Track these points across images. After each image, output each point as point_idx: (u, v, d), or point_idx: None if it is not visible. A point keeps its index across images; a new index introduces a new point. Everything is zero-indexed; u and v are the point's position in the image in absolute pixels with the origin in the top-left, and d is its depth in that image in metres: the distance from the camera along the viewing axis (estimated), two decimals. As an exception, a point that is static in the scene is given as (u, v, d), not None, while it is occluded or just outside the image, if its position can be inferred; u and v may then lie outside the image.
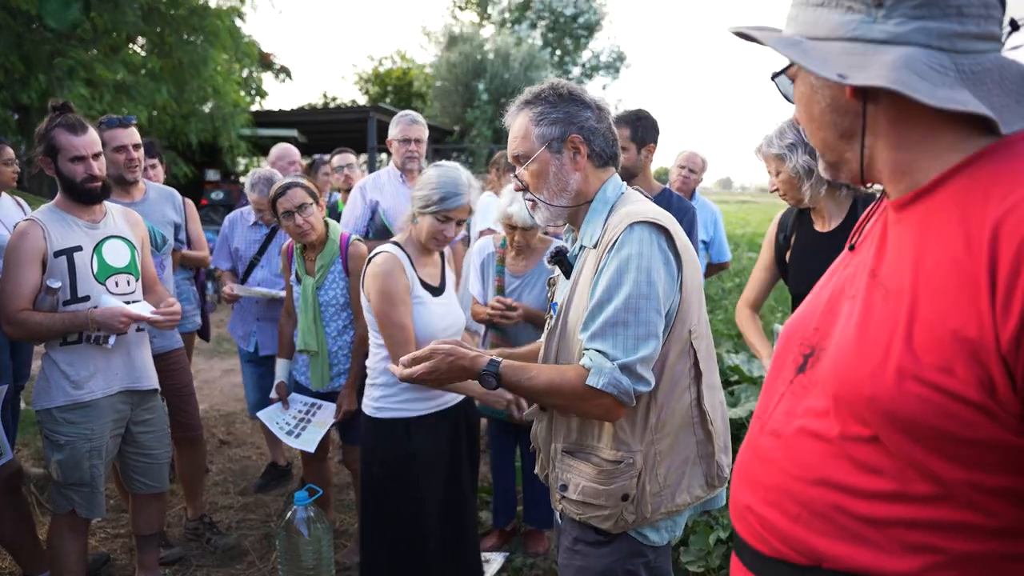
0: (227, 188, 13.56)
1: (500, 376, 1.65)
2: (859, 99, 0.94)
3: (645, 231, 1.58)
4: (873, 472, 0.90)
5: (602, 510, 1.63)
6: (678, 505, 1.66)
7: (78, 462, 2.60)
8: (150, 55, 10.60)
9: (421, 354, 1.72)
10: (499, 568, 3.19)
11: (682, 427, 1.66)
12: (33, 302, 2.51)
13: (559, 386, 1.59)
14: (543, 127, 1.70)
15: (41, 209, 2.64)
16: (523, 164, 1.74)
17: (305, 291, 3.09)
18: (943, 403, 0.82)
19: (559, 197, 1.73)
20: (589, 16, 24.11)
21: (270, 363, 3.49)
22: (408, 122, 3.82)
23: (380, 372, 2.50)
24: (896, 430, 0.86)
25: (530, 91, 1.76)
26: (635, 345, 1.54)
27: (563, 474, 1.72)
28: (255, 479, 4.15)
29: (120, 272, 2.67)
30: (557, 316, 1.75)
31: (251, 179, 3.73)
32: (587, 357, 1.57)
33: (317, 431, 3.21)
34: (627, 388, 1.53)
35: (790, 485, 1.00)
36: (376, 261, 2.44)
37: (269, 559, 3.30)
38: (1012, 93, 0.87)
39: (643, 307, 1.54)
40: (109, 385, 2.66)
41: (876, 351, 0.89)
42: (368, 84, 26.82)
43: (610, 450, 1.64)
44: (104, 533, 3.50)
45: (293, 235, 3.09)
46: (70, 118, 2.57)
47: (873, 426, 0.89)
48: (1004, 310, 0.78)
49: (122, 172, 3.17)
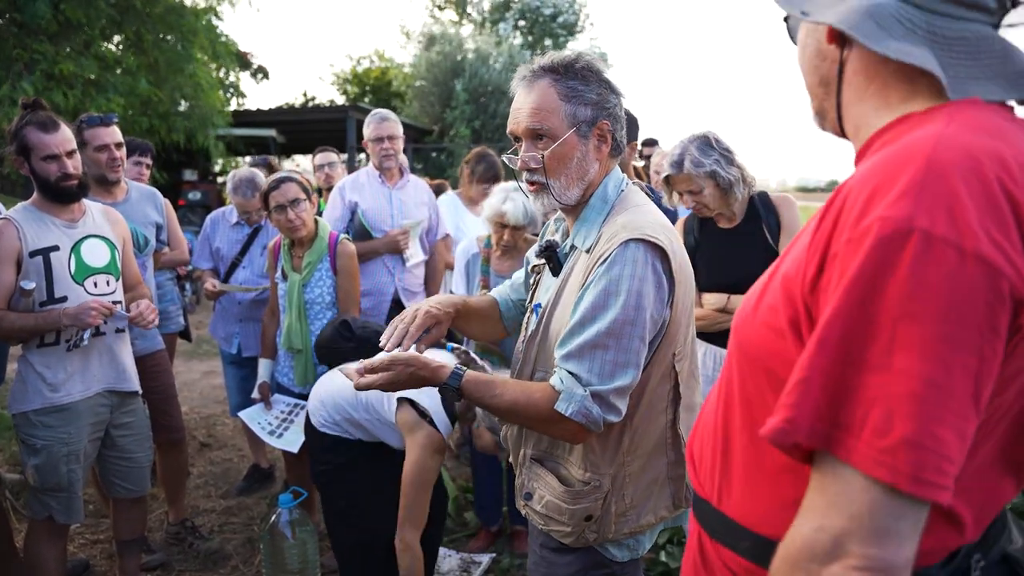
0: (204, 188, 13.42)
1: (462, 390, 1.56)
2: (837, 45, 0.93)
3: (640, 250, 1.45)
4: (746, 414, 1.00)
5: (564, 526, 1.59)
6: (641, 526, 1.60)
7: (55, 466, 2.54)
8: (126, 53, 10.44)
9: (379, 363, 1.58)
10: (486, 569, 3.18)
11: (655, 449, 1.59)
12: (8, 303, 2.46)
13: (524, 407, 1.51)
14: (576, 106, 1.52)
15: (16, 208, 2.57)
16: (541, 140, 1.55)
17: (291, 288, 3.07)
18: (772, 341, 0.90)
19: (574, 187, 1.57)
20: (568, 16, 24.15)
21: (253, 364, 3.45)
22: (378, 121, 3.79)
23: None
24: (752, 369, 0.96)
25: (554, 58, 1.55)
26: (612, 372, 1.44)
27: (529, 482, 1.66)
28: (237, 482, 4.10)
29: (99, 272, 2.62)
30: (540, 320, 1.64)
31: (233, 181, 3.68)
32: (557, 377, 1.48)
33: (300, 433, 3.18)
34: (596, 418, 1.44)
35: (706, 430, 1.12)
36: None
37: (253, 563, 3.25)
38: (984, 68, 0.86)
39: (627, 333, 1.44)
40: (87, 387, 2.60)
41: (748, 300, 1.02)
42: (347, 84, 26.65)
43: (579, 469, 1.57)
44: (83, 539, 3.43)
45: (283, 230, 3.06)
46: (41, 116, 2.50)
47: (740, 366, 1.00)
48: (810, 259, 0.84)
49: (104, 172, 3.11)
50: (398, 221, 3.78)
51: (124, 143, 3.20)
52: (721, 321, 2.69)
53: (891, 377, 0.73)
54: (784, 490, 0.93)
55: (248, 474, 4.12)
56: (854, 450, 0.75)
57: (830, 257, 0.81)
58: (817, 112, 1.03)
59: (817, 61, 0.97)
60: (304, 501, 2.76)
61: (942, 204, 0.73)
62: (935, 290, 0.72)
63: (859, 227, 0.77)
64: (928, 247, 0.72)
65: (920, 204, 0.73)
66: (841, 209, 0.82)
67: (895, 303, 0.73)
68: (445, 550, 3.29)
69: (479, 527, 3.46)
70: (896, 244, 0.73)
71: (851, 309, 0.76)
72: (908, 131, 0.85)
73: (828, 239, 0.82)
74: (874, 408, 0.74)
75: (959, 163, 0.75)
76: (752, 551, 0.98)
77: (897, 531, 0.74)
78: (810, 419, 0.77)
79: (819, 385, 0.77)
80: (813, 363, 0.78)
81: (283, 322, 3.14)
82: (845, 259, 0.78)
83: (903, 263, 0.73)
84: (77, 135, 3.08)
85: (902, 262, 0.73)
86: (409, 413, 2.35)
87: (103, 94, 8.98)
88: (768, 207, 2.74)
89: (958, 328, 0.71)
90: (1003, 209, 0.74)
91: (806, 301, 0.84)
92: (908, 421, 0.72)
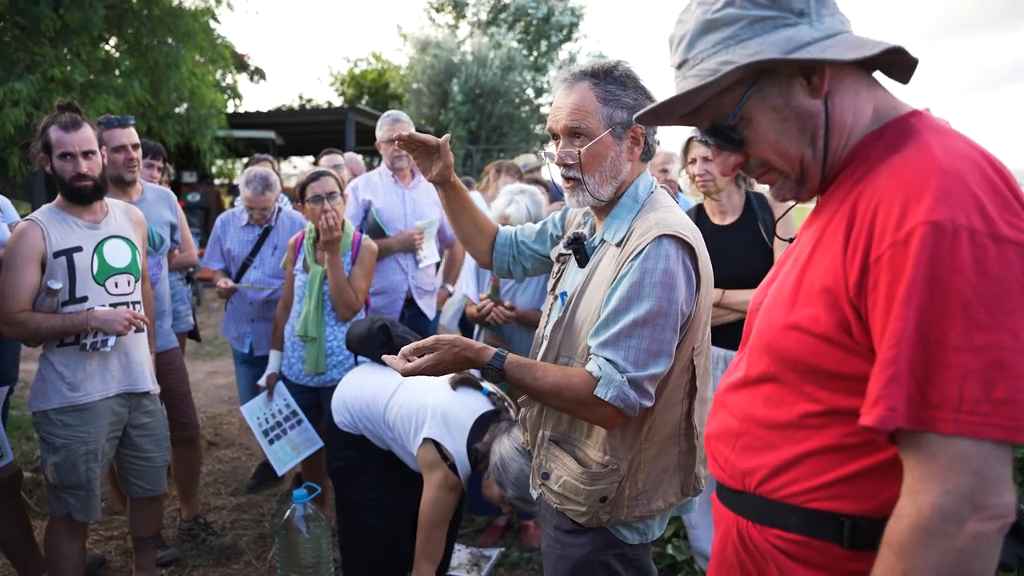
0: (203, 190, 13.39)
1: (504, 372, 1.62)
2: (819, 93, 1.06)
3: (673, 246, 1.55)
4: (780, 405, 1.12)
5: (579, 506, 1.65)
6: (652, 511, 1.67)
7: (74, 465, 2.58)
8: (124, 55, 10.44)
9: (424, 345, 1.62)
10: (496, 563, 3.23)
11: (669, 438, 1.66)
12: (32, 303, 2.50)
13: (563, 390, 1.57)
14: (613, 108, 1.62)
15: (41, 209, 2.62)
16: (578, 138, 1.64)
17: (313, 279, 3.16)
18: (816, 345, 1.03)
19: (607, 185, 1.66)
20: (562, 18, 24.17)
21: (265, 364, 3.50)
22: (391, 122, 3.89)
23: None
24: (788, 369, 1.08)
25: (595, 64, 1.65)
26: (646, 360, 1.53)
27: (547, 462, 1.73)
28: (246, 480, 4.14)
29: (120, 272, 2.66)
30: (565, 308, 1.72)
31: (246, 176, 3.73)
32: (595, 364, 1.56)
33: (291, 454, 3.29)
34: (633, 402, 1.52)
35: (731, 424, 1.22)
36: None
37: (265, 559, 3.30)
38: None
39: (661, 324, 1.53)
40: (106, 387, 2.64)
41: (776, 308, 1.12)
42: (344, 86, 26.67)
43: (598, 452, 1.64)
44: (97, 535, 3.47)
45: (317, 219, 3.09)
46: (66, 116, 2.55)
47: (775, 367, 1.11)
48: (850, 265, 0.98)
49: (121, 172, 3.16)
50: (411, 220, 3.86)
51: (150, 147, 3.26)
52: (716, 316, 2.74)
53: (974, 353, 0.87)
54: (821, 464, 1.07)
55: (257, 472, 4.16)
56: (957, 422, 0.87)
57: (872, 261, 0.95)
58: (797, 181, 1.12)
59: (800, 124, 1.07)
60: (317, 496, 2.81)
61: (971, 204, 0.90)
62: (988, 274, 0.87)
63: (901, 231, 0.92)
64: (972, 239, 0.88)
65: (954, 206, 0.90)
66: (874, 219, 0.96)
67: (959, 290, 0.88)
68: (455, 545, 3.34)
69: (488, 522, 3.52)
70: (946, 241, 0.88)
71: (920, 303, 0.89)
72: (896, 140, 1.03)
73: (867, 246, 0.96)
74: (967, 381, 0.87)
75: (966, 169, 0.93)
76: (801, 525, 1.09)
77: (1006, 477, 0.89)
78: (907, 406, 0.90)
79: (907, 374, 0.90)
80: (897, 357, 0.91)
81: (299, 311, 3.21)
82: (894, 261, 0.92)
83: (958, 256, 0.88)
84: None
85: (957, 255, 0.88)
86: (431, 452, 2.37)
87: (100, 96, 8.99)
88: (764, 206, 2.80)
89: (1012, 300, 0.88)
90: (1007, 196, 0.92)
91: (853, 304, 0.98)
92: (1002, 385, 0.86)
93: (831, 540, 1.06)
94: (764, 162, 1.12)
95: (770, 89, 1.06)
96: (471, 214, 1.97)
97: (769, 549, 1.14)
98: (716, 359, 2.76)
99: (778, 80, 1.05)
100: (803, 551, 1.09)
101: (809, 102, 1.05)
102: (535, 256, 1.99)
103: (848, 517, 1.04)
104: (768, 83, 1.06)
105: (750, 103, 1.06)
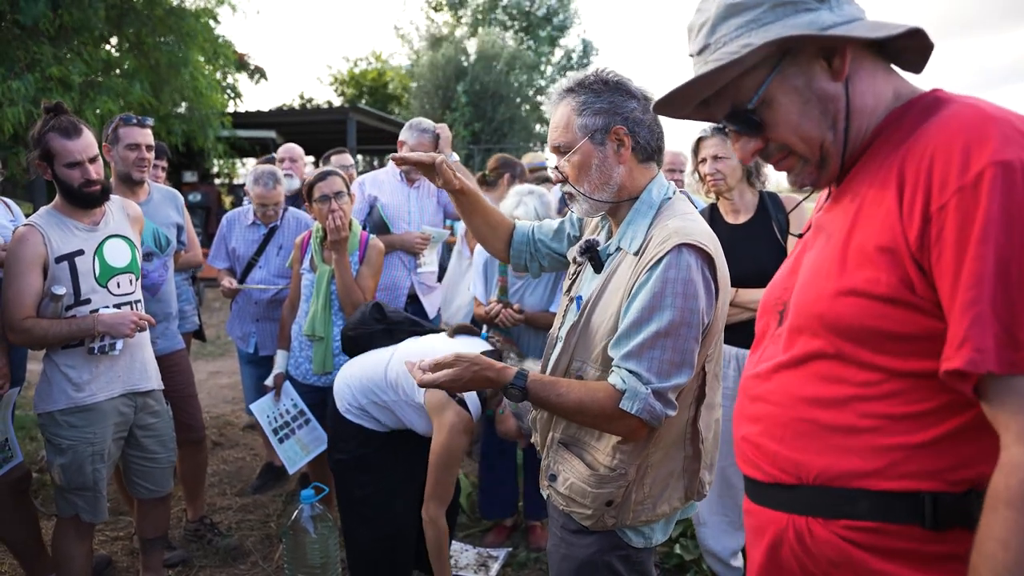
0: (204, 190, 13.39)
1: (528, 391, 1.60)
2: (840, 76, 1.07)
3: (693, 256, 1.54)
4: (834, 381, 1.06)
5: (585, 508, 1.66)
6: (656, 515, 1.67)
7: (81, 466, 2.57)
8: (125, 55, 10.42)
9: (444, 360, 1.64)
10: (503, 563, 3.22)
11: (675, 443, 1.66)
12: (36, 308, 2.48)
13: (588, 406, 1.56)
14: (586, 117, 1.64)
15: (40, 213, 2.58)
16: (564, 155, 1.68)
17: (320, 278, 3.16)
18: (875, 307, 0.99)
19: (601, 191, 1.67)
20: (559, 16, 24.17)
21: (269, 364, 3.49)
22: (419, 132, 3.83)
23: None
24: (844, 339, 1.04)
25: (573, 78, 1.69)
26: (669, 371, 1.52)
27: (555, 464, 1.74)
28: (251, 480, 4.14)
29: (122, 272, 2.65)
30: (581, 312, 1.71)
31: (254, 173, 3.72)
32: (619, 377, 1.55)
33: (300, 453, 3.31)
34: (659, 414, 1.52)
35: (774, 413, 1.15)
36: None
37: (272, 559, 3.29)
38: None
39: (684, 334, 1.52)
40: (111, 388, 2.63)
41: (820, 279, 1.08)
42: (344, 85, 26.68)
43: (607, 456, 1.64)
44: (103, 536, 3.47)
45: (324, 218, 3.10)
46: (63, 121, 2.49)
47: (826, 339, 1.06)
48: (908, 220, 0.96)
49: (130, 170, 3.15)
50: (416, 218, 3.88)
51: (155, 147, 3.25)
52: (729, 314, 2.73)
53: None
54: (889, 438, 1.02)
55: (262, 472, 4.16)
56: None
57: (935, 211, 0.94)
58: (818, 165, 1.12)
59: (822, 107, 1.08)
60: (324, 496, 2.80)
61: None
62: None
63: (968, 175, 0.91)
64: None
65: (1014, 148, 0.91)
66: (931, 170, 0.95)
67: None
68: (462, 545, 3.34)
69: (495, 522, 3.51)
70: (1018, 179, 0.89)
71: (998, 240, 0.88)
72: (929, 108, 1.04)
73: (926, 198, 0.95)
74: None
75: (1014, 117, 0.96)
76: (874, 510, 1.03)
77: None
78: (995, 347, 0.88)
79: (991, 315, 0.88)
80: (979, 297, 0.89)
81: (306, 311, 3.21)
82: (963, 205, 0.91)
83: None
84: (112, 131, 3.12)
85: None
86: (439, 393, 2.34)
87: (99, 96, 8.98)
88: (778, 206, 2.79)
89: None
90: None
91: (915, 258, 0.96)
92: None
93: (910, 522, 0.99)
94: (784, 146, 1.11)
95: (792, 70, 1.07)
96: (484, 214, 1.97)
97: (837, 544, 1.06)
98: (728, 358, 2.75)
99: (800, 62, 1.06)
100: (878, 539, 1.02)
101: (830, 85, 1.06)
102: (552, 254, 2.00)
103: (928, 494, 0.98)
104: (790, 65, 1.07)
105: (772, 84, 1.07)
